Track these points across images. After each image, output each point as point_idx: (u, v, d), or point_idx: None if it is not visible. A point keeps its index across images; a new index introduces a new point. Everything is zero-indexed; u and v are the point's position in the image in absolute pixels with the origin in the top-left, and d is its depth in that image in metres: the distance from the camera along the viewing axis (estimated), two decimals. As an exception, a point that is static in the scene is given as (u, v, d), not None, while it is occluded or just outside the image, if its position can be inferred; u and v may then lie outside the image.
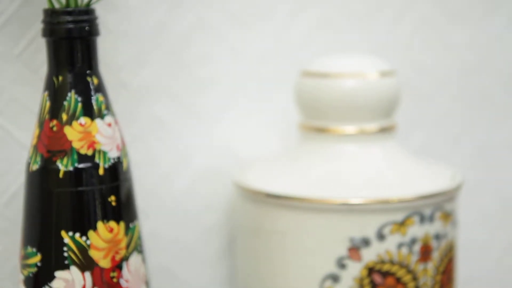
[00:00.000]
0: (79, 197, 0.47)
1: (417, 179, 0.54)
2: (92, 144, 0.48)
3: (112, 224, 0.48)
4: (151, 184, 0.60)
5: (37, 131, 0.48)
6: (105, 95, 0.49)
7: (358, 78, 0.54)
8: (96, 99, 0.48)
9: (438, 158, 0.67)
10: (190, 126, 0.61)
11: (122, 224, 0.49)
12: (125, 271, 0.49)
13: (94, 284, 0.48)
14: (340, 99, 0.54)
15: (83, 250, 0.47)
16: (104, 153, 0.48)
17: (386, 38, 0.66)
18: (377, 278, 0.52)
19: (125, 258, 0.49)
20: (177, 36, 0.59)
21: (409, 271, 0.52)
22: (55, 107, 0.48)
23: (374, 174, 0.54)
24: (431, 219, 0.53)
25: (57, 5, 0.48)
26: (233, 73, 0.62)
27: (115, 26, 0.57)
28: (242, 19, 0.61)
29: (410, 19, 0.66)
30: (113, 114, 0.50)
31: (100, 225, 0.48)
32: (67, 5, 0.48)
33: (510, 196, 0.72)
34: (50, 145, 0.48)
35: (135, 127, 0.59)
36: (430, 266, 0.53)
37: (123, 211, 0.49)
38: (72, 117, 0.48)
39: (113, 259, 0.48)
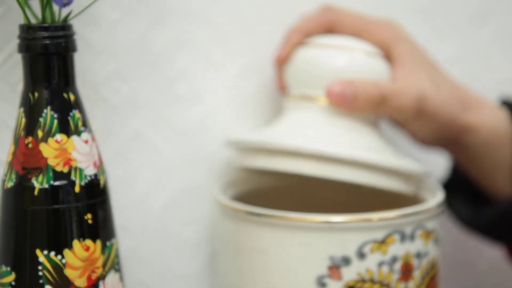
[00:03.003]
0: (55, 215, 0.47)
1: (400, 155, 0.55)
2: (68, 161, 0.47)
3: (89, 242, 0.48)
4: (131, 200, 0.59)
5: (12, 148, 0.48)
6: (82, 112, 0.49)
7: (351, 51, 0.55)
8: (73, 115, 0.48)
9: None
10: (171, 142, 0.60)
11: (98, 242, 0.48)
12: (101, 290, 0.48)
13: (69, 304, 0.47)
14: (332, 69, 0.55)
15: (58, 269, 0.47)
16: (81, 170, 0.48)
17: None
18: (358, 297, 0.51)
19: (102, 277, 0.48)
20: (158, 52, 0.59)
21: (390, 290, 0.52)
22: (31, 124, 0.47)
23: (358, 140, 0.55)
24: (412, 237, 0.52)
25: (33, 21, 0.48)
26: (215, 89, 0.61)
27: (95, 42, 0.56)
28: (224, 34, 0.61)
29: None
30: (90, 131, 0.49)
31: (76, 243, 0.47)
32: (44, 20, 0.47)
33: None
34: (25, 162, 0.47)
35: (115, 143, 0.58)
36: (411, 285, 0.53)
37: (100, 229, 0.49)
38: (48, 134, 0.47)
39: (89, 278, 0.48)
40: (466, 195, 0.62)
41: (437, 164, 0.68)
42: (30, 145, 0.47)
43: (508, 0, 0.71)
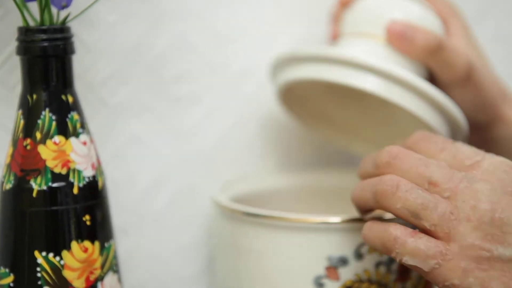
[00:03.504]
0: (53, 216, 0.47)
1: None
2: (66, 163, 0.47)
3: (87, 243, 0.48)
4: (130, 202, 0.60)
5: (10, 150, 0.48)
6: (80, 114, 0.49)
7: (410, 3, 0.57)
8: (71, 117, 0.48)
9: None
10: (169, 144, 0.60)
11: (97, 243, 0.48)
12: (100, 291, 0.48)
13: (67, 305, 0.47)
14: (392, 11, 0.57)
15: (57, 270, 0.47)
16: (79, 172, 0.48)
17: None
18: (355, 298, 0.52)
19: (100, 278, 0.49)
20: (157, 53, 0.59)
21: (387, 291, 0.52)
22: (29, 126, 0.47)
23: None
24: (409, 238, 0.52)
25: (31, 23, 0.48)
26: (213, 91, 0.61)
27: (93, 44, 0.56)
28: (222, 35, 0.61)
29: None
30: (88, 133, 0.49)
31: (74, 245, 0.47)
32: (42, 23, 0.47)
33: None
34: (24, 164, 0.47)
35: (114, 144, 0.59)
36: (409, 285, 0.53)
37: (98, 230, 0.49)
38: (46, 136, 0.47)
39: (87, 279, 0.48)
40: None
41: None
42: (28, 147, 0.47)
43: (506, 0, 0.71)
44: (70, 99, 0.48)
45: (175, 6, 0.59)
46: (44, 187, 0.47)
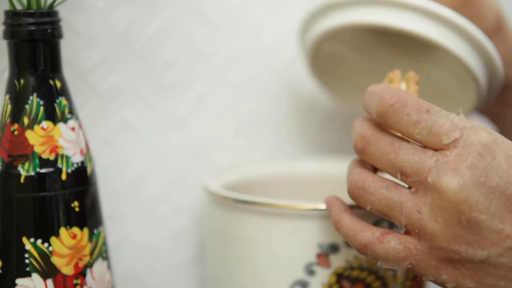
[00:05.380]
0: (41, 202, 0.47)
1: None
2: (54, 149, 0.47)
3: (76, 230, 0.48)
4: (120, 189, 0.59)
5: (-2, 135, 0.48)
6: (68, 99, 0.48)
7: None
8: (59, 102, 0.48)
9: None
10: (160, 130, 0.60)
11: (86, 230, 0.48)
12: (89, 278, 0.48)
13: (56, 292, 0.47)
14: None
15: (45, 256, 0.47)
16: (67, 158, 0.47)
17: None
18: (346, 285, 0.51)
19: (89, 265, 0.48)
20: (147, 39, 0.58)
21: (378, 277, 0.52)
22: (17, 111, 0.47)
23: None
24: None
25: (19, 7, 0.48)
26: (204, 77, 0.61)
27: (82, 29, 0.56)
28: (212, 22, 0.61)
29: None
30: (77, 118, 0.49)
31: (63, 231, 0.47)
32: (29, 6, 0.47)
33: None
34: (11, 150, 0.47)
35: (104, 131, 0.58)
36: (400, 272, 0.52)
37: (87, 217, 0.48)
38: (34, 121, 0.47)
39: (76, 266, 0.47)
40: None
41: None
42: (16, 132, 0.47)
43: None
44: (58, 84, 0.48)
45: (165, -9, 0.58)
46: (32, 173, 0.46)
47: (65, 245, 0.47)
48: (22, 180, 0.46)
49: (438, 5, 0.52)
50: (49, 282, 0.47)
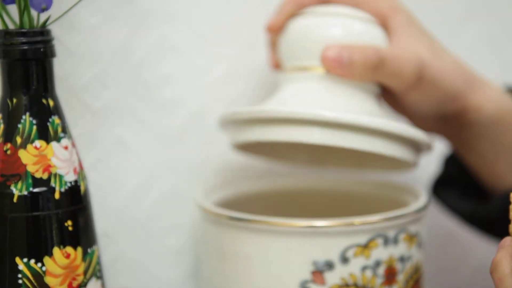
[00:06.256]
0: (34, 222, 0.46)
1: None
2: (47, 168, 0.47)
3: (69, 249, 0.47)
4: (115, 207, 0.59)
5: (-10, 155, 0.47)
6: (61, 118, 0.48)
7: (349, 18, 0.54)
8: (52, 121, 0.48)
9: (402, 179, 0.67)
10: (154, 148, 0.60)
11: (79, 249, 0.48)
12: (83, 297, 0.48)
13: (49, 312, 0.46)
14: (329, 37, 0.53)
15: (39, 277, 0.46)
16: (60, 177, 0.47)
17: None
18: (342, 302, 0.51)
19: (83, 285, 0.48)
20: (140, 57, 0.58)
21: (374, 295, 0.52)
22: (9, 130, 0.47)
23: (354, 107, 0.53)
24: (395, 241, 0.52)
25: (11, 26, 0.48)
26: (197, 93, 0.61)
27: (75, 47, 0.56)
28: (206, 38, 0.61)
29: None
30: (70, 137, 0.49)
31: (56, 251, 0.47)
32: (21, 25, 0.47)
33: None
34: (4, 169, 0.46)
35: (98, 149, 0.58)
36: (396, 289, 0.52)
37: (81, 236, 0.48)
38: (27, 140, 0.47)
39: (70, 285, 0.47)
40: (462, 188, 0.60)
41: (429, 164, 0.67)
42: (8, 152, 0.47)
43: (489, 5, 0.71)
44: (51, 103, 0.48)
45: (158, 8, 0.58)
46: (25, 192, 0.46)
47: (58, 264, 0.47)
48: (15, 199, 0.46)
49: (342, 113, 0.51)
50: (43, 302, 0.46)
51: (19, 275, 0.46)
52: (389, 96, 0.58)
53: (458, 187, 0.61)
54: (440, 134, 0.59)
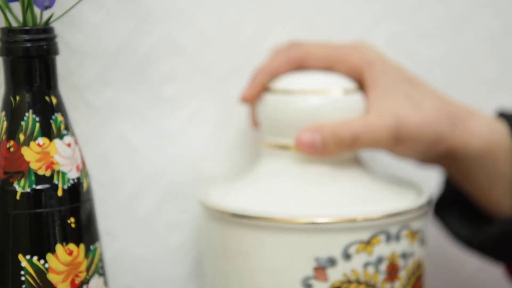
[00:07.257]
0: (37, 219, 0.46)
1: (383, 197, 0.53)
2: (50, 165, 0.47)
3: (72, 246, 0.47)
4: (117, 205, 0.59)
5: (-7, 152, 0.48)
6: (64, 115, 0.48)
7: (321, 95, 0.54)
8: (55, 119, 0.48)
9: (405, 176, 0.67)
10: (156, 146, 0.60)
11: (82, 246, 0.48)
12: (85, 294, 0.48)
13: (52, 309, 0.47)
14: (303, 116, 0.54)
15: (41, 273, 0.46)
16: (63, 174, 0.47)
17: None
18: (344, 299, 0.51)
19: (86, 281, 0.48)
20: (142, 54, 0.59)
21: (376, 291, 0.52)
22: (12, 128, 0.47)
23: (339, 193, 0.53)
24: (397, 237, 0.52)
25: (14, 24, 0.48)
26: (200, 91, 0.61)
27: (78, 45, 0.56)
28: (208, 36, 0.61)
29: (379, 35, 0.66)
30: (73, 134, 0.49)
31: (59, 247, 0.47)
32: (25, 23, 0.47)
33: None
34: (7, 166, 0.47)
35: (100, 146, 0.58)
36: (397, 285, 0.52)
37: (84, 233, 0.48)
38: (30, 138, 0.47)
39: (72, 282, 0.47)
40: (461, 211, 0.60)
41: (430, 177, 0.67)
42: (11, 149, 0.47)
43: (491, 1, 0.71)
44: (54, 100, 0.48)
45: (161, 6, 0.58)
46: (28, 190, 0.46)
47: (61, 261, 0.47)
48: (18, 196, 0.46)
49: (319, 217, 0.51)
50: (46, 299, 0.46)
51: (22, 272, 0.46)
52: None
53: (458, 208, 0.60)
54: (435, 166, 0.59)
